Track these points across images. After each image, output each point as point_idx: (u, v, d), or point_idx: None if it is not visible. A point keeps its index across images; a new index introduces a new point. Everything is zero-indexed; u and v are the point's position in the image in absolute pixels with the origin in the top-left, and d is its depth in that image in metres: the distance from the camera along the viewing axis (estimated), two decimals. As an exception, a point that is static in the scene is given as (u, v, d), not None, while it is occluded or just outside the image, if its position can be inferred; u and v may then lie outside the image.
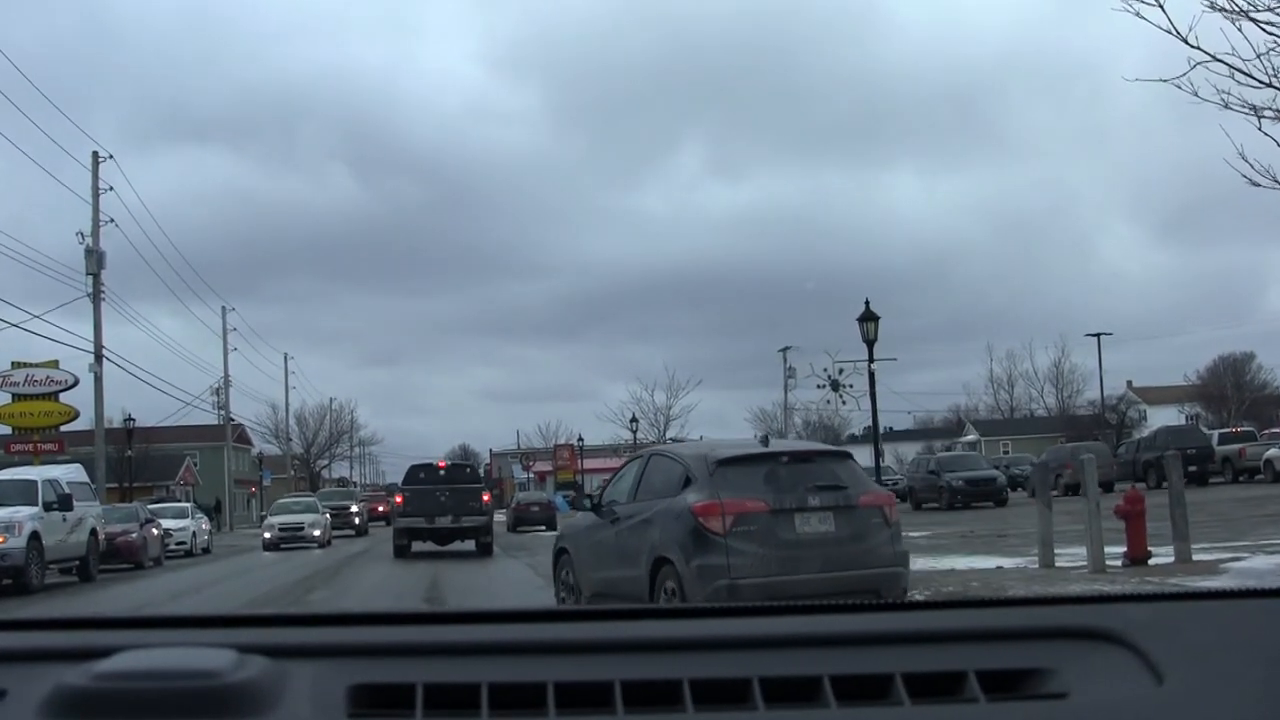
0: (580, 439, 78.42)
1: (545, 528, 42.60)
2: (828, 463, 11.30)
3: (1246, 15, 11.48)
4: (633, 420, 70.88)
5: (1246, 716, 1.53)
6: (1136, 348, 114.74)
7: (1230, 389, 79.34)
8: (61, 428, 45.28)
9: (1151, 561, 14.56)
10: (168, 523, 34.06)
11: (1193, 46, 11.41)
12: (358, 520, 47.31)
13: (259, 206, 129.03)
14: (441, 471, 29.57)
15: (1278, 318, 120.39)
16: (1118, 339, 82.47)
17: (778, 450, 11.37)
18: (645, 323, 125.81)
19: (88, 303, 42.04)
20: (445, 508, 27.65)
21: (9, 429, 44.97)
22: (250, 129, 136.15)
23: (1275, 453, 38.32)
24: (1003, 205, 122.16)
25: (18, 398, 44.28)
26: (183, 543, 35.23)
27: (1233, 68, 11.49)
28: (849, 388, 49.41)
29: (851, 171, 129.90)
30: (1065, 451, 42.56)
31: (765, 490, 10.56)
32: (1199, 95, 11.56)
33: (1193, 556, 14.71)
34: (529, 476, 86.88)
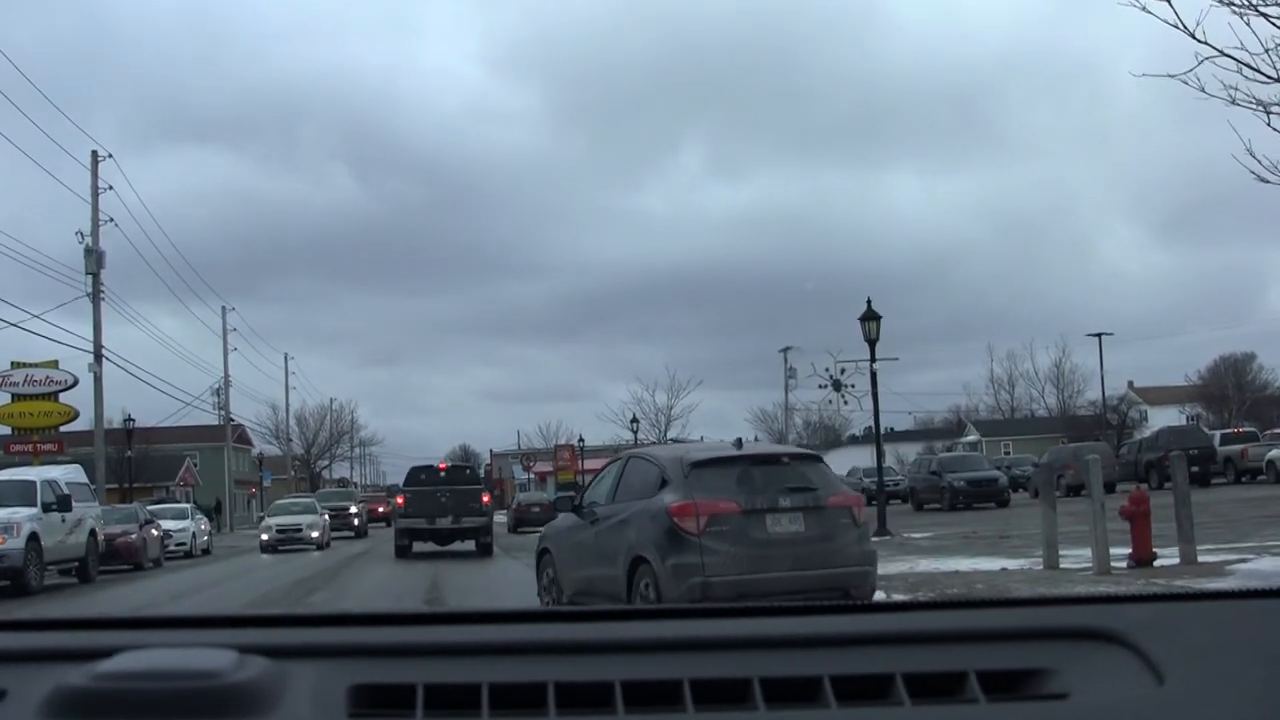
0: (581, 439, 78.28)
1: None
2: (798, 465, 11.67)
3: (1256, 9, 11.37)
4: (633, 421, 70.93)
5: (1247, 716, 1.53)
6: (1137, 348, 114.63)
7: (1231, 389, 79.25)
8: (61, 428, 45.20)
9: (1157, 563, 14.44)
10: (167, 524, 33.98)
11: (1200, 41, 11.30)
12: (357, 521, 46.85)
13: (259, 206, 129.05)
14: (442, 473, 29.92)
15: (1278, 318, 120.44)
16: (1118, 339, 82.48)
17: (750, 453, 11.79)
18: (646, 323, 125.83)
19: (87, 302, 42.00)
20: (446, 509, 27.94)
21: (8, 429, 44.89)
22: (250, 129, 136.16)
23: (1277, 453, 38.26)
24: (1003, 205, 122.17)
25: (17, 398, 44.21)
26: (182, 544, 35.16)
27: (1241, 63, 11.38)
28: (851, 388, 49.35)
29: (852, 171, 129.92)
30: (1067, 452, 42.45)
31: (738, 492, 10.90)
32: (1206, 91, 11.46)
33: (1198, 558, 14.61)
34: (529, 477, 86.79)
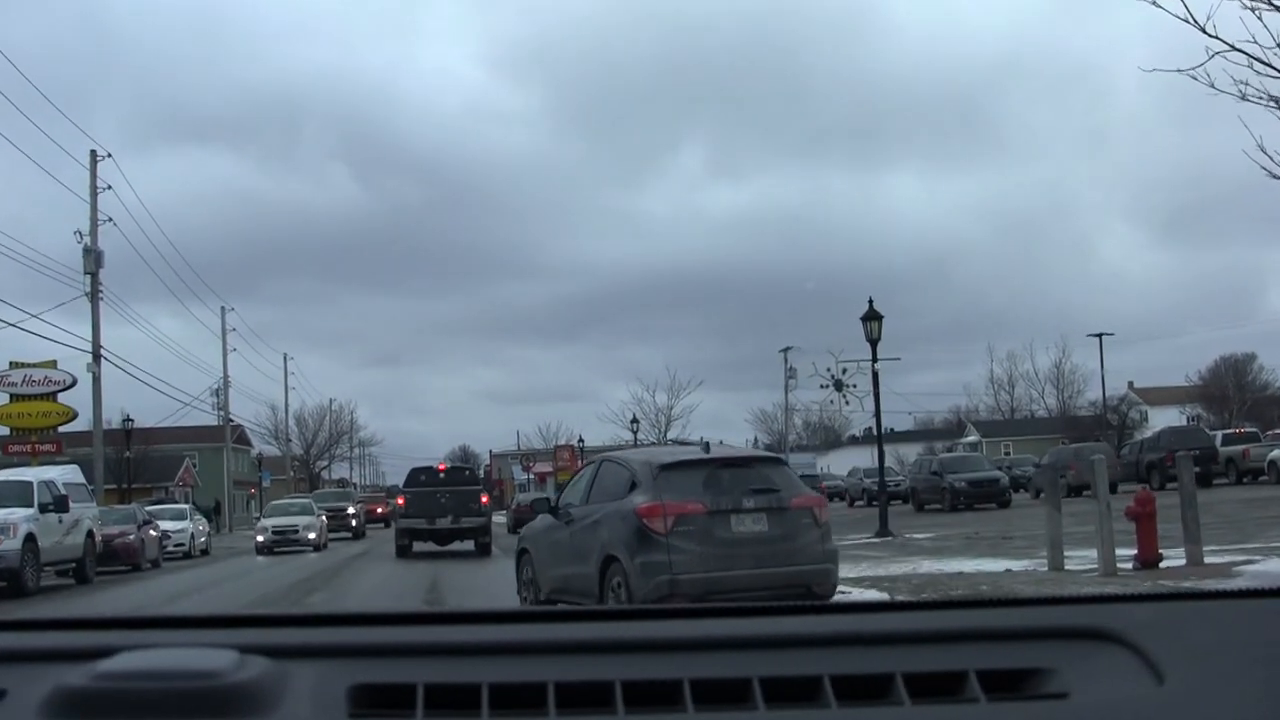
0: (581, 440, 78.16)
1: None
2: (762, 468, 12.14)
3: (1269, 2, 11.21)
4: (634, 421, 70.79)
5: (1247, 716, 1.53)
6: (1137, 348, 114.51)
7: (1232, 390, 79.16)
8: (60, 428, 45.05)
9: (1163, 564, 14.28)
10: (166, 524, 33.90)
11: (1211, 36, 11.16)
12: (354, 522, 46.32)
13: (259, 207, 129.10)
14: (441, 474, 30.31)
15: (1279, 318, 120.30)
16: (1119, 339, 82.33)
17: (716, 457, 12.32)
18: (646, 323, 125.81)
19: (86, 302, 41.87)
20: (445, 509, 28.34)
21: (7, 430, 44.74)
22: (250, 129, 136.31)
23: (1279, 454, 38.12)
24: (1003, 205, 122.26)
25: (15, 398, 44.09)
26: (181, 544, 35.09)
27: (1252, 57, 11.24)
28: (853, 388, 49.28)
29: (852, 172, 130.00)
30: (1068, 452, 42.33)
31: (704, 493, 11.32)
32: (1216, 87, 11.32)
33: (1204, 559, 14.47)
34: (529, 477, 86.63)
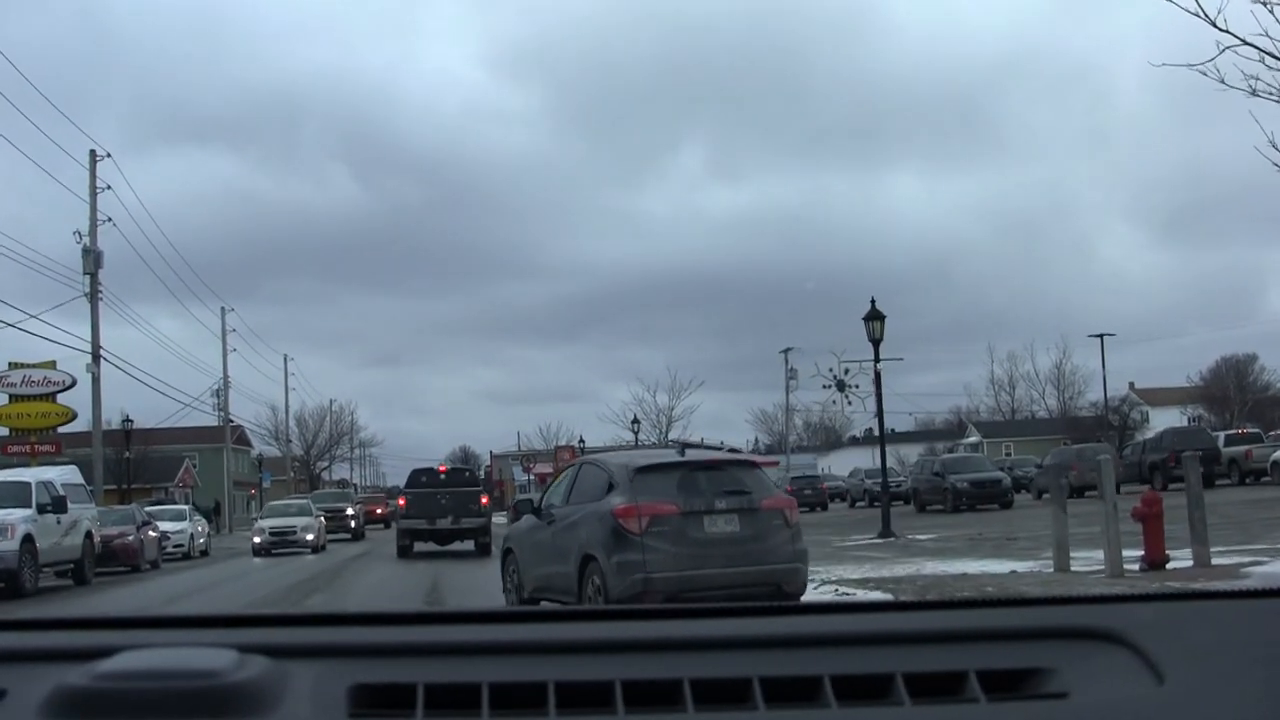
0: (581, 440, 78.07)
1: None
2: (735, 471, 12.52)
3: None
4: (634, 422, 70.65)
5: (1247, 717, 1.52)
6: (1138, 349, 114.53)
7: (1233, 390, 79.05)
8: (59, 429, 44.96)
9: (1170, 566, 14.13)
10: (165, 525, 33.80)
11: (1222, 30, 11.06)
12: (354, 524, 45.38)
13: (259, 207, 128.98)
14: (442, 475, 30.52)
15: None
16: (1120, 340, 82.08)
17: (691, 460, 12.73)
18: (646, 324, 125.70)
19: (85, 303, 41.75)
20: (445, 510, 28.65)
21: (6, 430, 44.64)
22: (250, 129, 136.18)
23: (1282, 455, 37.99)
24: (1003, 206, 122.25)
25: (15, 399, 44.01)
26: (180, 545, 34.98)
27: (1264, 51, 11.16)
28: (855, 388, 49.18)
29: (852, 172, 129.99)
30: (1070, 453, 42.22)
31: (678, 495, 11.72)
32: (1226, 82, 11.24)
33: (1212, 561, 14.35)
34: (530, 478, 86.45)
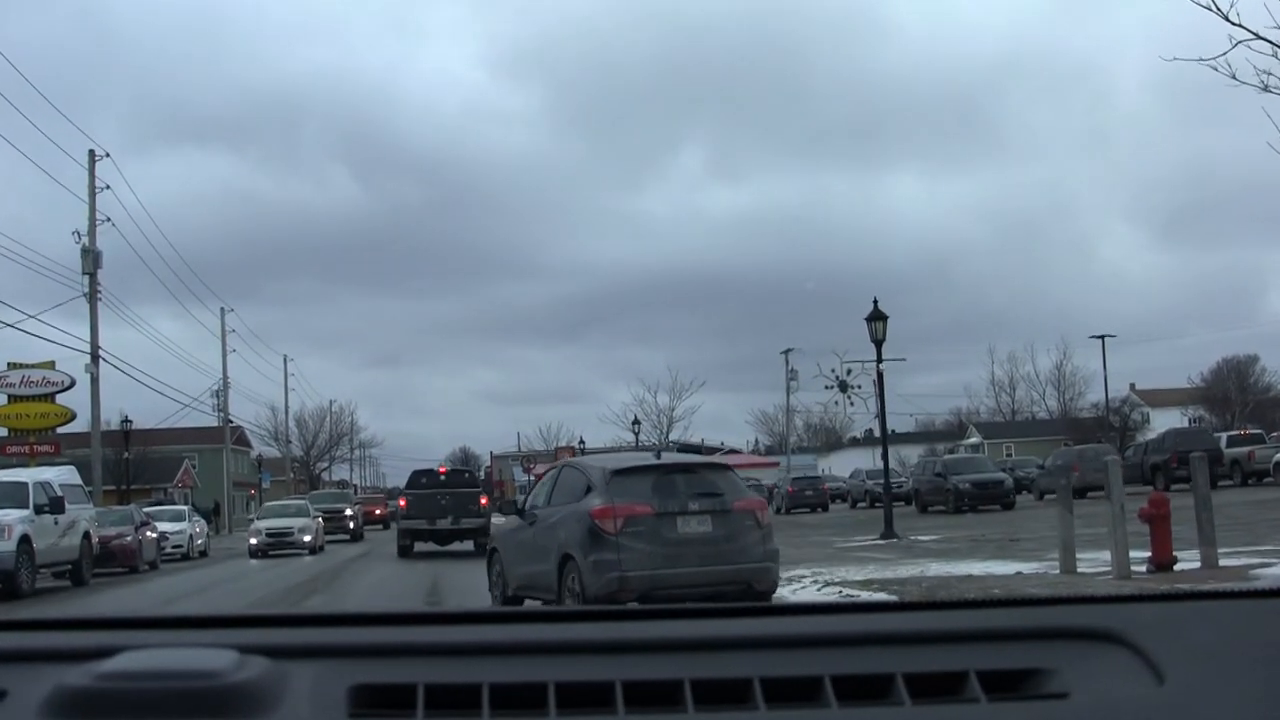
0: (582, 441, 78.06)
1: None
2: (708, 473, 12.95)
3: None
4: (635, 422, 70.55)
5: (1247, 717, 1.52)
6: (1138, 350, 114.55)
7: (1234, 392, 78.94)
8: (58, 429, 44.85)
9: (1177, 567, 14.00)
10: (164, 525, 33.68)
11: (1234, 24, 10.96)
12: (352, 524, 44.69)
13: (259, 208, 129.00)
14: (442, 476, 30.75)
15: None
16: (1120, 341, 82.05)
17: (666, 463, 13.35)
18: (647, 324, 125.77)
19: (85, 303, 41.63)
20: (445, 510, 28.93)
21: (5, 431, 44.52)
22: (250, 130, 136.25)
23: (1285, 456, 37.87)
24: (1003, 206, 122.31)
25: (14, 399, 43.94)
26: (179, 546, 34.88)
27: (1277, 45, 11.03)
28: (857, 389, 49.09)
29: (852, 173, 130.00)
30: (1072, 454, 42.08)
31: (652, 497, 12.12)
32: (1237, 77, 11.15)
33: (1219, 562, 14.20)
34: (530, 479, 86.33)
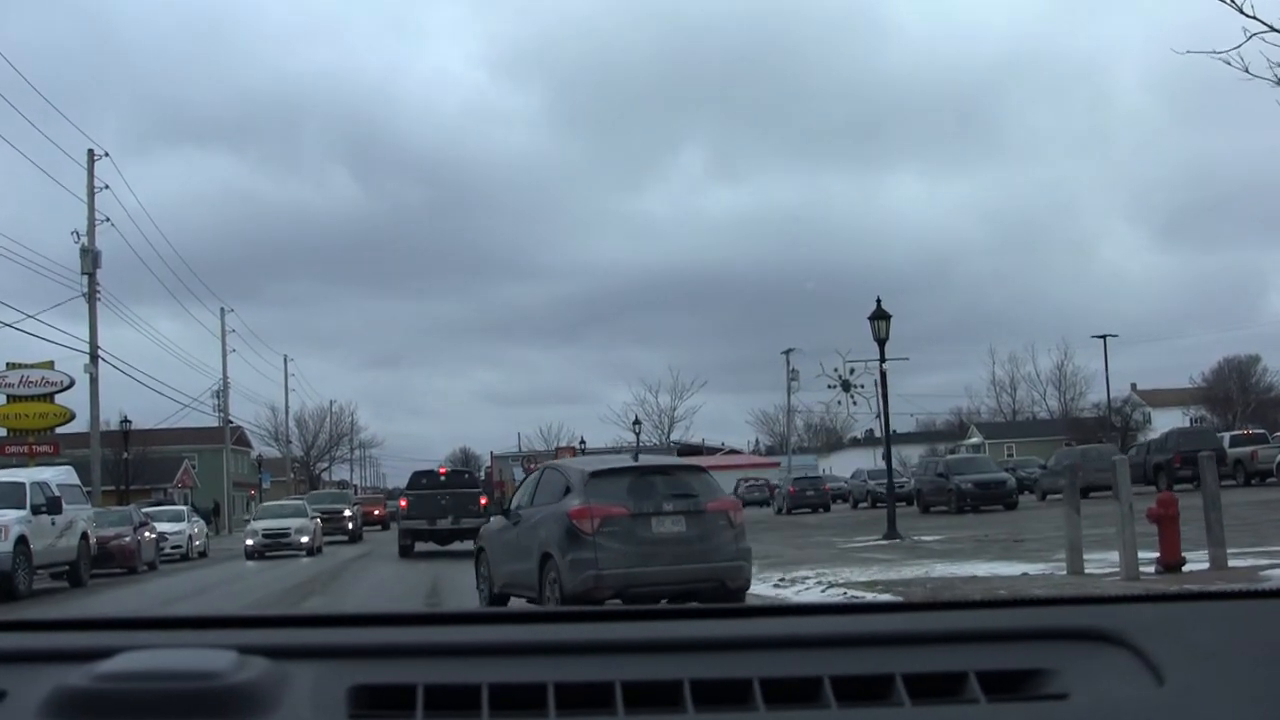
0: (582, 441, 77.92)
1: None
2: (683, 475, 13.35)
3: None
4: (636, 422, 70.46)
5: (1247, 717, 1.52)
6: (1139, 350, 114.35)
7: (1235, 392, 78.89)
8: (57, 430, 44.76)
9: (1186, 568, 13.86)
10: (162, 526, 33.59)
11: (1249, 16, 10.87)
12: (351, 525, 44.21)
13: (259, 208, 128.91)
14: (442, 477, 31.09)
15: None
16: (1121, 341, 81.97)
17: (642, 465, 13.77)
18: (647, 325, 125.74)
19: (84, 303, 41.52)
20: (445, 511, 29.29)
21: (4, 431, 44.41)
22: (250, 130, 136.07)
23: (1288, 456, 37.78)
24: (1004, 206, 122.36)
25: (13, 399, 43.87)
26: (178, 546, 34.78)
27: None
28: (859, 389, 49.03)
29: (853, 173, 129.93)
30: (1075, 454, 41.94)
31: (628, 498, 12.57)
32: (1250, 71, 11.05)
33: (1228, 563, 14.06)
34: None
